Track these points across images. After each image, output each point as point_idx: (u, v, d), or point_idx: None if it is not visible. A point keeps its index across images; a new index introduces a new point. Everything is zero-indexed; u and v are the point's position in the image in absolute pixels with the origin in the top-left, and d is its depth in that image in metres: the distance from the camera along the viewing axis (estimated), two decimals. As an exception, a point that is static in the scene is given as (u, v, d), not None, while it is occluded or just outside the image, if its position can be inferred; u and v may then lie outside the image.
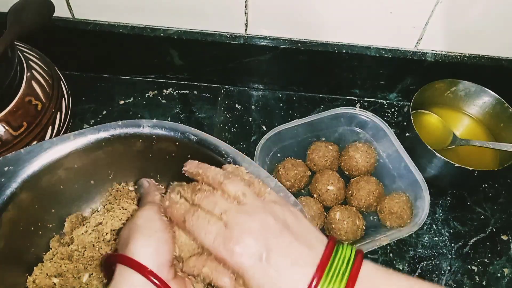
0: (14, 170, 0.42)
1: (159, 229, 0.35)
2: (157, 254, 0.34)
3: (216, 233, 0.33)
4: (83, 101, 0.71)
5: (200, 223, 0.34)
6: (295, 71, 0.72)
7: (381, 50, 0.67)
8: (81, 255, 0.46)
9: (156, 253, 0.34)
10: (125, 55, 0.71)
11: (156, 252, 0.34)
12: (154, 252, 0.34)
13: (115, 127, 0.46)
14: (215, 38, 0.67)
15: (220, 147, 0.45)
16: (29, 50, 0.58)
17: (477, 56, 0.68)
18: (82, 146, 0.45)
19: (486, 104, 0.68)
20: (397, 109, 0.75)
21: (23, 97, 0.53)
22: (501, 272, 0.60)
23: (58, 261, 0.46)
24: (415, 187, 0.60)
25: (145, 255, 0.34)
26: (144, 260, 0.33)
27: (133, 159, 0.49)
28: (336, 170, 0.64)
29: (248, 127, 0.71)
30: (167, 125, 0.46)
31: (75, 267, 0.46)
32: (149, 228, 0.35)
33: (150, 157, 0.48)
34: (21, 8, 0.55)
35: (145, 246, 0.34)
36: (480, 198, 0.66)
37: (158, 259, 0.34)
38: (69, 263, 0.46)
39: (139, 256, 0.33)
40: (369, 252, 0.59)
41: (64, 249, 0.47)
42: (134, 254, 0.34)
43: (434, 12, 0.61)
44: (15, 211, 0.42)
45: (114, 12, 0.65)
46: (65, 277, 0.45)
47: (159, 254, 0.34)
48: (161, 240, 0.35)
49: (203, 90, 0.74)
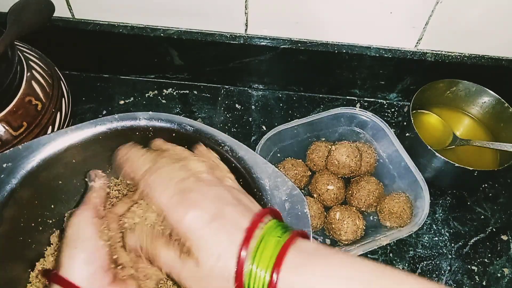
0: (13, 166, 0.42)
1: (87, 237, 0.35)
2: (86, 264, 0.33)
3: (173, 192, 0.33)
4: (83, 101, 0.71)
5: (161, 179, 0.34)
6: (295, 71, 0.72)
7: (381, 50, 0.67)
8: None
9: (85, 263, 0.33)
10: (125, 55, 0.72)
11: (85, 262, 0.33)
12: (83, 263, 0.33)
13: (112, 121, 0.46)
14: (215, 38, 0.67)
15: (217, 137, 0.45)
16: (29, 50, 0.58)
17: (477, 56, 0.68)
18: (80, 141, 0.45)
19: (486, 104, 0.68)
20: (397, 109, 0.75)
21: (23, 97, 0.53)
22: (501, 272, 0.60)
23: None
24: (415, 187, 0.60)
25: (73, 268, 0.33)
26: (74, 273, 0.33)
27: None
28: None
29: (248, 127, 0.71)
30: (163, 116, 0.46)
31: None
32: (77, 238, 0.34)
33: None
34: (21, 8, 0.55)
35: (72, 258, 0.33)
36: (480, 198, 0.66)
37: (88, 269, 0.33)
38: None
39: (68, 270, 0.33)
40: (369, 252, 0.59)
41: None
42: (62, 268, 0.33)
43: (434, 12, 0.61)
44: (16, 208, 0.42)
45: (114, 12, 0.65)
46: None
47: (89, 263, 0.33)
48: (90, 248, 0.34)
49: (203, 90, 0.74)
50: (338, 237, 0.58)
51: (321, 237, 0.60)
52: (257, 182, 0.43)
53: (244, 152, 0.44)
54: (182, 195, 0.33)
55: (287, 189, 0.43)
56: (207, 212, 0.32)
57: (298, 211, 0.42)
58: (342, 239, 0.58)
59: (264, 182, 0.43)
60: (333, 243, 0.59)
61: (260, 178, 0.43)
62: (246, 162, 0.44)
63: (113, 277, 0.34)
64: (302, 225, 0.41)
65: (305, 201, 0.43)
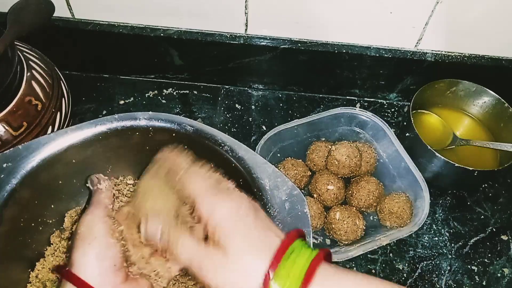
0: (13, 166, 0.42)
1: (99, 235, 0.35)
2: (98, 261, 0.34)
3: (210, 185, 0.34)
4: (83, 101, 0.71)
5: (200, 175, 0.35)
6: (295, 71, 0.72)
7: (381, 50, 0.67)
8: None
9: (97, 260, 0.34)
10: (125, 55, 0.72)
11: (97, 259, 0.34)
12: (95, 260, 0.34)
13: (112, 121, 0.46)
14: (215, 38, 0.67)
15: (217, 137, 0.45)
16: (29, 50, 0.58)
17: (477, 56, 0.68)
18: (79, 141, 0.45)
19: (486, 104, 0.68)
20: (397, 109, 0.75)
21: (23, 97, 0.53)
22: (501, 272, 0.60)
23: (60, 255, 0.46)
24: (415, 187, 0.60)
25: (85, 264, 0.33)
26: (85, 270, 0.33)
27: (131, 152, 0.49)
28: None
29: (248, 127, 0.71)
30: (163, 116, 0.46)
31: None
32: (89, 235, 0.35)
33: (147, 150, 0.49)
34: (21, 8, 0.55)
35: (84, 255, 0.34)
36: (480, 198, 0.66)
37: (100, 266, 0.33)
38: None
39: (80, 267, 0.33)
40: (369, 252, 0.59)
41: (65, 243, 0.47)
42: (75, 265, 0.33)
43: (434, 12, 0.61)
44: (16, 207, 0.42)
45: (114, 12, 0.65)
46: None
47: (101, 260, 0.34)
48: (103, 246, 0.34)
49: (203, 90, 0.74)
50: (338, 237, 0.58)
51: (321, 237, 0.60)
52: (257, 182, 0.43)
53: (244, 152, 0.44)
54: (219, 189, 0.33)
55: (287, 189, 0.43)
56: (242, 208, 0.32)
57: (298, 211, 0.42)
58: (342, 239, 0.58)
59: (264, 182, 0.43)
60: (333, 243, 0.59)
61: (260, 178, 0.43)
62: (246, 162, 0.44)
63: (125, 276, 0.34)
64: (302, 225, 0.41)
65: (305, 201, 0.43)
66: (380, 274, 0.59)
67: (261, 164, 0.42)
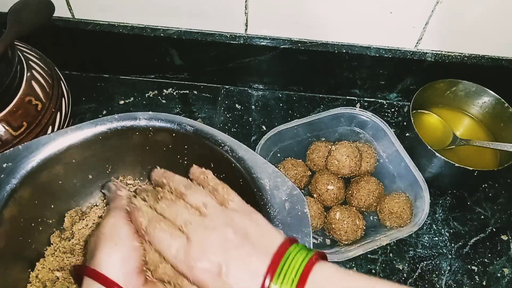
0: (13, 166, 0.42)
1: (124, 236, 0.35)
2: (123, 262, 0.34)
3: (177, 248, 0.33)
4: (83, 101, 0.71)
5: (162, 237, 0.34)
6: (295, 71, 0.72)
7: (381, 50, 0.67)
8: (83, 249, 0.46)
9: (122, 261, 0.34)
10: (125, 55, 0.72)
11: (122, 260, 0.34)
12: (120, 261, 0.34)
13: (112, 121, 0.46)
14: (215, 38, 0.67)
15: (217, 137, 0.45)
16: (29, 50, 0.58)
17: (477, 56, 0.68)
18: (80, 141, 0.45)
19: (486, 104, 0.68)
20: (397, 109, 0.75)
21: (23, 97, 0.53)
22: (501, 272, 0.60)
23: (60, 255, 0.46)
24: (415, 187, 0.60)
25: (110, 264, 0.33)
26: (110, 270, 0.33)
27: (131, 152, 0.50)
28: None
29: (248, 127, 0.71)
30: (163, 116, 0.46)
31: (77, 261, 0.46)
32: (114, 236, 0.35)
33: (147, 150, 0.49)
34: (21, 8, 0.55)
35: (110, 255, 0.34)
36: (480, 198, 0.66)
37: (124, 267, 0.34)
38: (71, 257, 0.46)
39: (105, 266, 0.33)
40: (369, 252, 0.59)
41: (65, 243, 0.47)
42: (100, 265, 0.33)
43: (434, 12, 0.61)
44: (16, 208, 0.42)
45: (114, 12, 0.65)
46: (68, 270, 0.46)
47: (126, 262, 0.34)
48: (127, 248, 0.34)
49: (203, 90, 0.74)
50: (338, 237, 0.58)
51: (321, 237, 0.60)
52: (257, 182, 0.43)
53: (244, 152, 0.44)
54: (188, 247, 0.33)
55: (287, 189, 0.43)
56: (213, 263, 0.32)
57: (298, 211, 0.42)
58: (342, 239, 0.58)
59: (264, 182, 0.43)
60: (333, 243, 0.59)
61: (260, 178, 0.43)
62: (246, 162, 0.44)
63: (145, 279, 0.35)
64: (302, 225, 0.41)
65: (305, 201, 0.43)
66: (380, 274, 0.59)
67: (261, 164, 0.42)
